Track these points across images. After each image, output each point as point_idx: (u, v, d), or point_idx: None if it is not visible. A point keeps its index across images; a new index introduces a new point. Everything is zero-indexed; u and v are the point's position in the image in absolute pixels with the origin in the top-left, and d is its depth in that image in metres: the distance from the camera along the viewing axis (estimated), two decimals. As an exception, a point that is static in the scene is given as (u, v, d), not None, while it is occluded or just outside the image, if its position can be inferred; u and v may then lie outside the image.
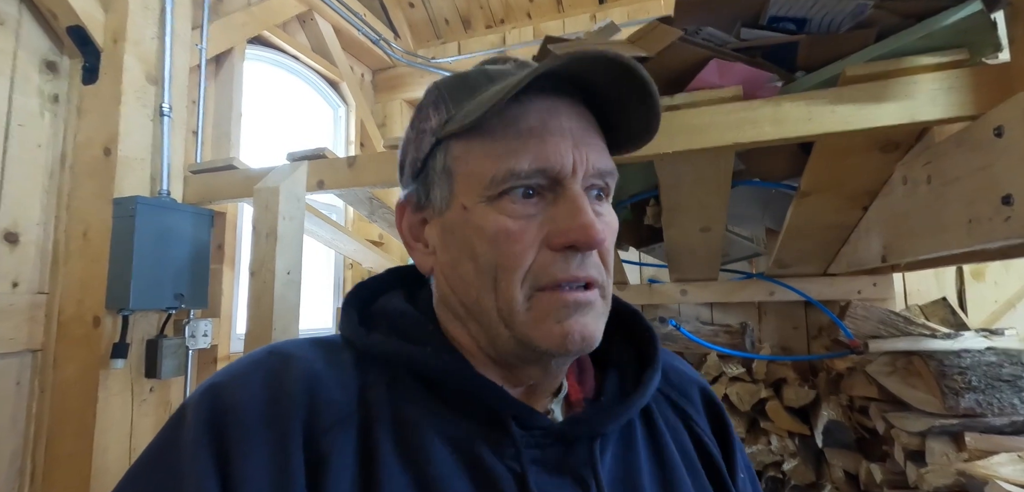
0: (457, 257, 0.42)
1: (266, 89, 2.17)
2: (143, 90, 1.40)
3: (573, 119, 0.42)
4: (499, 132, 0.41)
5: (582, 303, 0.40)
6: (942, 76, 0.81)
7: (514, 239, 0.39)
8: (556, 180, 0.40)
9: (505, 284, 0.40)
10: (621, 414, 0.43)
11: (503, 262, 0.40)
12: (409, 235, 0.48)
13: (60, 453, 1.30)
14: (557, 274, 0.39)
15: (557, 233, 0.39)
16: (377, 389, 0.40)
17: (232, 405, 0.36)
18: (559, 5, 2.73)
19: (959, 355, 1.16)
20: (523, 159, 0.39)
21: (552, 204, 0.40)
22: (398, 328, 0.44)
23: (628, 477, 0.43)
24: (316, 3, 2.27)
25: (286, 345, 0.42)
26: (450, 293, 0.44)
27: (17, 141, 1.31)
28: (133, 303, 1.26)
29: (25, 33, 1.33)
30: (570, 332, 0.39)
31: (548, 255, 0.40)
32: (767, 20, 0.92)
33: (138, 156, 1.38)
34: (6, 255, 1.28)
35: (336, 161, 1.29)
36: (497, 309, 0.40)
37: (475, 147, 0.41)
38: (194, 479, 0.33)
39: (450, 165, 0.43)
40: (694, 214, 1.26)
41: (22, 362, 1.32)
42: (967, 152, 0.78)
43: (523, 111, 0.41)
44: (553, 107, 0.41)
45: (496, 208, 0.40)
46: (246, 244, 1.86)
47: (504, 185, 0.40)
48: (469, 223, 0.41)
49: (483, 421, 0.40)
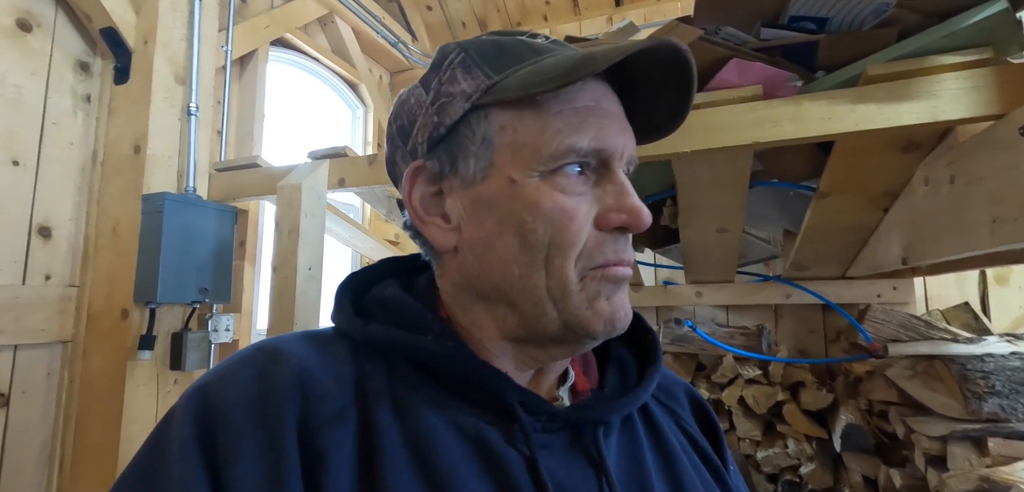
0: (495, 233, 0.40)
1: (287, 90, 2.22)
2: (171, 90, 1.44)
3: (617, 105, 0.43)
4: (555, 107, 0.40)
5: (622, 279, 0.42)
6: (966, 75, 0.80)
7: (571, 216, 0.39)
8: (606, 162, 0.41)
9: (560, 263, 0.39)
10: (625, 404, 0.44)
11: (560, 240, 0.39)
12: (421, 208, 0.44)
13: (88, 442, 1.34)
14: (610, 255, 0.40)
15: (611, 212, 0.40)
16: (376, 379, 0.39)
17: (220, 406, 0.34)
18: (575, 7, 2.74)
19: (982, 359, 1.14)
20: (584, 136, 0.39)
21: (597, 185, 0.41)
22: (396, 317, 0.42)
23: (633, 466, 0.43)
24: (336, 6, 2.31)
25: (275, 341, 0.40)
26: (477, 273, 0.42)
27: (51, 139, 1.35)
28: (160, 296, 1.30)
29: (60, 35, 1.38)
30: (617, 310, 0.41)
31: (598, 235, 0.40)
32: (787, 20, 0.92)
33: (166, 154, 1.42)
34: (39, 248, 1.33)
35: (357, 159, 1.31)
36: (548, 288, 0.39)
37: (527, 118, 0.40)
38: (181, 483, 0.32)
39: (491, 135, 0.40)
40: (711, 215, 1.26)
41: (53, 353, 1.37)
42: (991, 152, 0.77)
43: (578, 90, 0.41)
44: (604, 91, 0.42)
45: (551, 184, 0.39)
46: (267, 241, 1.90)
47: (562, 161, 0.39)
48: (518, 197, 0.39)
49: (488, 407, 0.40)
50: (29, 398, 1.31)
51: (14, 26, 1.28)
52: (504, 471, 0.37)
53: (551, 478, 0.37)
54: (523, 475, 0.37)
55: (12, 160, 1.28)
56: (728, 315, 2.00)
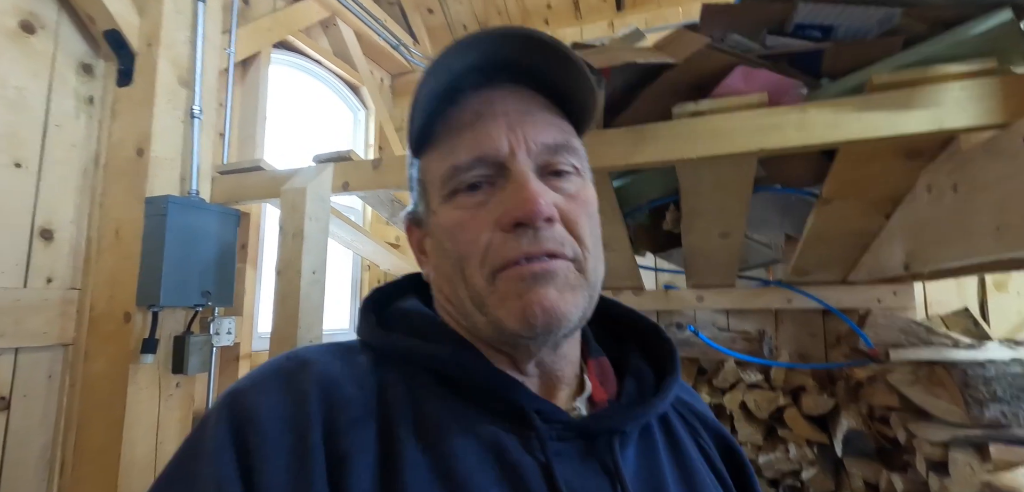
0: (439, 259, 0.45)
1: (289, 92, 2.22)
2: (175, 93, 1.44)
3: (510, 103, 0.44)
4: (443, 135, 0.44)
5: (539, 274, 0.40)
6: (970, 84, 0.81)
7: (466, 227, 0.42)
8: (498, 165, 0.42)
9: (469, 271, 0.42)
10: (640, 414, 0.44)
11: (461, 251, 0.42)
12: (417, 250, 0.51)
13: (89, 446, 1.33)
14: (508, 253, 0.40)
15: (503, 213, 0.41)
16: (397, 388, 0.41)
17: (252, 410, 0.37)
18: (577, 12, 2.75)
19: (984, 365, 1.15)
20: (461, 152, 0.42)
21: (501, 189, 0.42)
22: (416, 328, 0.45)
23: (651, 477, 0.43)
24: (339, 9, 2.31)
25: (303, 351, 0.43)
26: (439, 292, 0.47)
27: (53, 141, 1.35)
28: (163, 300, 1.29)
29: (63, 37, 1.38)
30: (529, 305, 0.39)
31: (500, 236, 0.41)
32: (793, 28, 0.93)
33: (169, 156, 1.42)
34: (41, 251, 1.32)
35: (361, 163, 1.32)
36: (469, 296, 0.42)
37: (431, 156, 0.45)
38: (216, 482, 0.34)
39: (422, 179, 0.47)
40: (714, 219, 1.26)
41: (54, 356, 1.36)
42: (995, 160, 0.78)
43: (460, 110, 0.44)
44: (488, 97, 0.44)
45: (452, 204, 0.43)
46: (268, 244, 1.89)
47: (452, 182, 0.43)
48: (438, 225, 0.44)
49: (505, 415, 0.41)
50: (30, 402, 1.30)
51: (17, 28, 1.28)
52: (520, 477, 0.38)
53: (566, 485, 0.38)
54: (538, 482, 0.38)
55: (14, 162, 1.27)
56: (729, 319, 2.01)
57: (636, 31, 1.07)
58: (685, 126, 0.96)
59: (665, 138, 0.97)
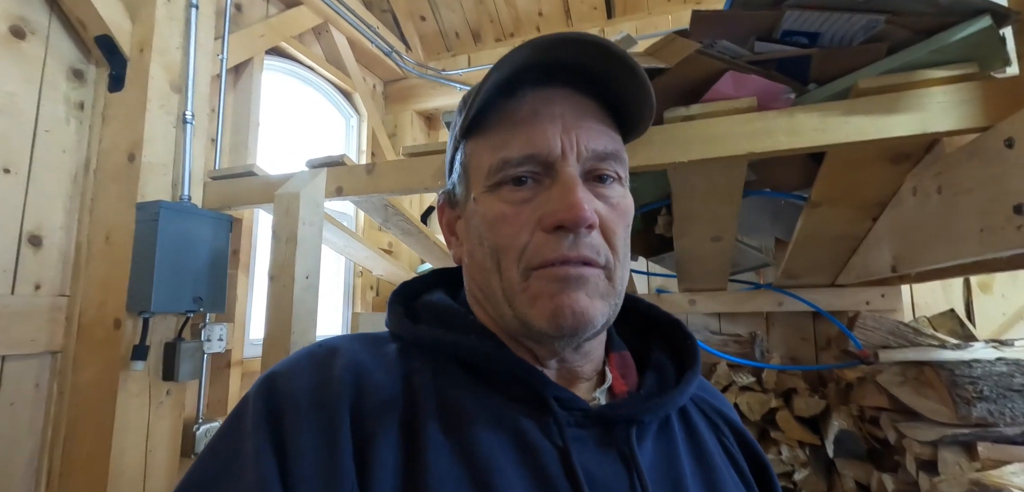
0: (474, 245, 0.46)
1: (282, 98, 2.21)
2: (167, 98, 1.43)
3: (567, 105, 0.44)
4: (496, 126, 0.45)
5: (573, 278, 0.41)
6: (953, 89, 0.83)
7: (508, 221, 0.42)
8: (548, 165, 0.43)
9: (505, 265, 0.43)
10: (659, 406, 0.45)
11: (500, 244, 0.43)
12: (446, 230, 0.52)
13: (78, 455, 1.31)
14: (547, 254, 0.41)
15: (547, 214, 0.41)
16: (422, 375, 0.43)
17: (288, 391, 0.39)
18: (568, 19, 2.77)
19: (970, 365, 1.17)
20: (513, 147, 0.43)
21: (546, 189, 0.43)
22: (442, 319, 0.47)
23: (669, 469, 0.44)
24: (331, 16, 2.32)
25: (334, 339, 0.45)
26: (470, 279, 0.48)
27: (43, 146, 1.34)
28: (154, 306, 1.28)
29: (54, 42, 1.37)
30: (560, 308, 0.41)
31: (541, 236, 0.42)
32: (780, 34, 0.95)
33: (161, 162, 1.41)
34: (30, 258, 1.31)
35: (355, 168, 1.32)
36: (502, 289, 0.43)
37: (481, 143, 0.46)
38: (254, 455, 0.36)
39: (466, 163, 0.47)
40: (706, 224, 1.28)
41: (42, 364, 1.34)
42: (978, 163, 0.80)
43: (517, 104, 0.45)
44: (548, 97, 0.45)
45: (496, 196, 0.44)
46: (260, 251, 1.89)
47: (499, 174, 0.43)
48: (477, 212, 0.45)
49: (525, 401, 0.43)
50: (17, 410, 1.28)
51: (7, 33, 1.27)
52: (539, 460, 0.39)
53: (583, 470, 0.40)
54: (556, 465, 0.40)
55: (3, 168, 1.26)
56: (721, 323, 2.03)
57: (627, 37, 1.09)
58: (676, 130, 0.97)
59: (657, 142, 0.98)
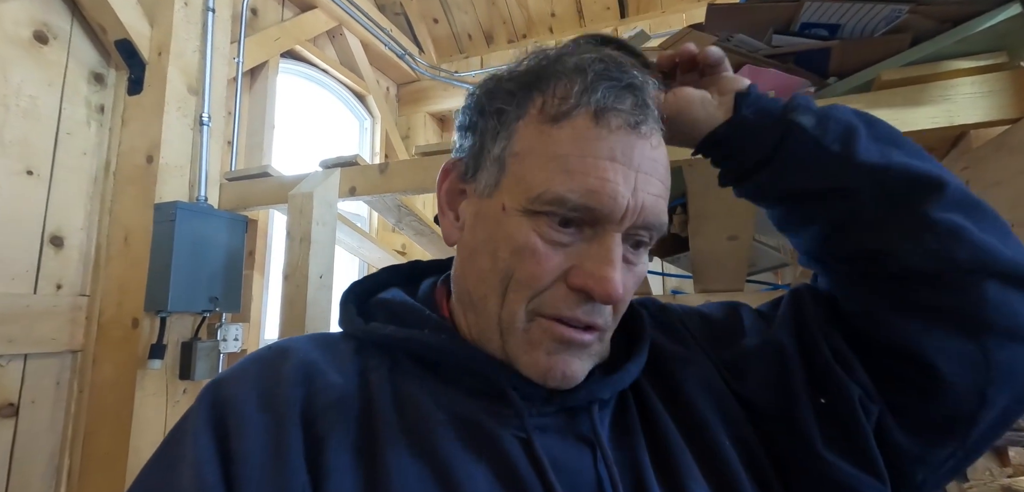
0: (479, 247, 0.42)
1: (297, 101, 2.24)
2: (184, 101, 1.46)
3: (646, 156, 0.39)
4: (566, 145, 0.38)
5: (576, 343, 0.40)
6: (980, 80, 0.80)
7: (538, 260, 0.39)
8: (599, 221, 0.38)
9: (513, 296, 0.40)
10: (615, 381, 0.44)
11: (518, 275, 0.39)
12: (445, 200, 0.47)
13: (96, 452, 1.33)
14: (562, 310, 0.39)
15: (577, 273, 0.39)
16: (378, 372, 0.42)
17: (232, 396, 0.38)
18: (581, 19, 2.77)
19: (999, 367, 1.13)
20: (575, 188, 0.37)
21: (585, 240, 0.39)
22: (395, 316, 0.46)
23: (626, 439, 0.43)
24: (345, 19, 2.34)
25: (285, 340, 0.44)
26: (461, 273, 0.45)
27: (65, 149, 1.37)
28: (171, 305, 1.30)
29: (76, 46, 1.40)
30: (553, 368, 0.40)
31: (562, 289, 0.39)
32: (799, 27, 0.92)
33: (178, 163, 1.43)
34: (51, 258, 1.34)
35: (368, 168, 1.32)
36: (498, 317, 0.41)
37: (537, 151, 0.39)
38: (197, 463, 0.35)
39: (505, 157, 0.41)
40: (722, 222, 1.26)
41: (62, 362, 1.37)
42: (1008, 156, 0.77)
43: (602, 131, 0.38)
44: (634, 145, 0.39)
45: (532, 223, 0.39)
46: (275, 251, 1.90)
47: (549, 206, 0.38)
48: (502, 225, 0.40)
49: (483, 394, 0.41)
50: (38, 408, 1.31)
51: (31, 38, 1.30)
52: (501, 452, 0.38)
53: (547, 457, 0.39)
54: (519, 455, 0.39)
55: (26, 170, 1.29)
56: (737, 325, 1.99)
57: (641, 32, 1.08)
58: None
59: (672, 138, 0.96)
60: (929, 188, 0.43)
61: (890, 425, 0.43)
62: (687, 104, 0.49)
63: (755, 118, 0.48)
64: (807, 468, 0.43)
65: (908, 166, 0.44)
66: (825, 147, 0.46)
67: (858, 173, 0.45)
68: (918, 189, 0.44)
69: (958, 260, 0.41)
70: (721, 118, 0.50)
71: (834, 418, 0.43)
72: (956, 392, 0.41)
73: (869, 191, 0.44)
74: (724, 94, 0.51)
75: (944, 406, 0.42)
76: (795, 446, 0.43)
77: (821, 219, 0.48)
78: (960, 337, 0.41)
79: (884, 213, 0.44)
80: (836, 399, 0.43)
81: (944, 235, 0.42)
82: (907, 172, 0.44)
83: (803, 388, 0.44)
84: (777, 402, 0.45)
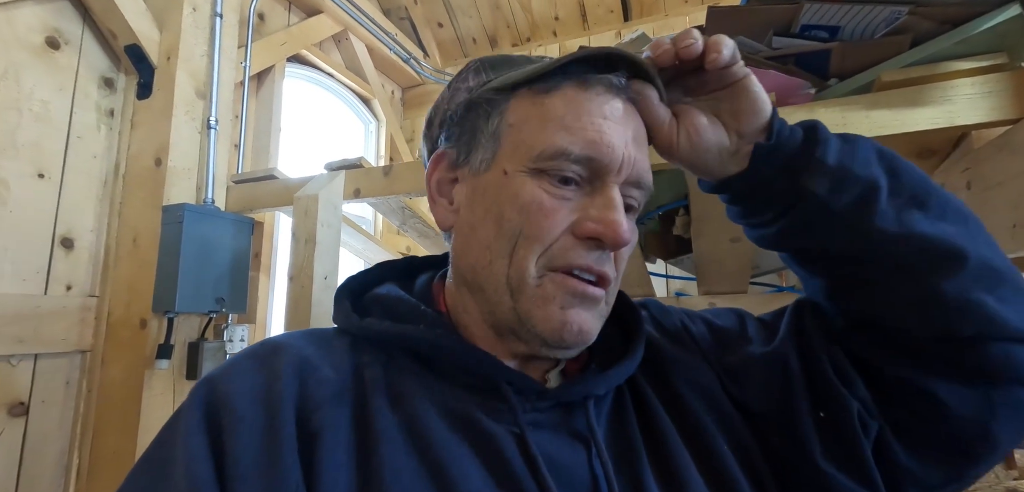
0: (480, 218, 0.43)
1: (303, 104, 2.26)
2: (192, 104, 1.48)
3: (632, 122, 0.43)
4: (560, 108, 0.41)
5: (588, 297, 0.41)
6: (981, 80, 0.80)
7: (545, 213, 0.40)
8: (599, 173, 0.41)
9: (523, 253, 0.40)
10: (611, 377, 0.44)
11: (527, 231, 0.40)
12: (435, 189, 0.48)
13: (105, 451, 1.35)
14: (574, 259, 0.40)
15: (586, 221, 0.40)
16: (373, 368, 0.42)
17: (224, 393, 0.37)
18: (584, 23, 2.78)
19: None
20: (576, 141, 0.40)
21: (586, 195, 0.41)
22: (391, 312, 0.45)
23: (622, 436, 0.43)
24: (351, 24, 2.36)
25: (278, 337, 0.44)
26: (461, 255, 0.45)
27: (75, 152, 1.39)
28: (179, 306, 1.31)
29: (86, 52, 1.43)
30: (569, 322, 0.40)
31: (570, 240, 0.40)
32: (799, 29, 0.93)
33: (186, 166, 1.45)
34: (62, 259, 1.36)
35: (372, 170, 1.33)
36: (507, 277, 0.41)
37: (533, 117, 0.42)
38: (188, 461, 0.34)
39: (501, 130, 0.43)
40: (724, 223, 1.26)
41: (72, 362, 1.39)
42: (1009, 156, 0.77)
43: (592, 96, 0.41)
44: (619, 108, 0.42)
45: (536, 180, 0.41)
46: (281, 254, 1.92)
47: (552, 162, 0.40)
48: (505, 188, 0.41)
49: (478, 389, 0.41)
50: (48, 407, 1.33)
51: (43, 44, 1.33)
52: (495, 448, 0.38)
53: (541, 453, 0.38)
54: (513, 451, 0.38)
55: (38, 173, 1.31)
56: (741, 327, 1.98)
57: (642, 35, 1.08)
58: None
59: (673, 140, 0.97)
60: (946, 261, 0.41)
61: (890, 442, 0.43)
62: (698, 136, 0.45)
63: (771, 176, 0.45)
64: (806, 478, 0.43)
65: (926, 237, 0.41)
66: (838, 215, 0.43)
67: (870, 242, 0.42)
68: (934, 263, 0.41)
69: (962, 336, 0.40)
70: (733, 169, 0.46)
71: (833, 431, 0.43)
72: (960, 423, 0.41)
73: (880, 261, 0.43)
74: (741, 126, 0.45)
75: (946, 432, 0.42)
76: (794, 456, 0.44)
77: (826, 276, 0.46)
78: (962, 385, 0.41)
79: (894, 283, 0.42)
80: (835, 413, 0.43)
81: (952, 312, 0.40)
82: (924, 243, 0.41)
83: (803, 400, 0.44)
84: (777, 412, 0.45)
